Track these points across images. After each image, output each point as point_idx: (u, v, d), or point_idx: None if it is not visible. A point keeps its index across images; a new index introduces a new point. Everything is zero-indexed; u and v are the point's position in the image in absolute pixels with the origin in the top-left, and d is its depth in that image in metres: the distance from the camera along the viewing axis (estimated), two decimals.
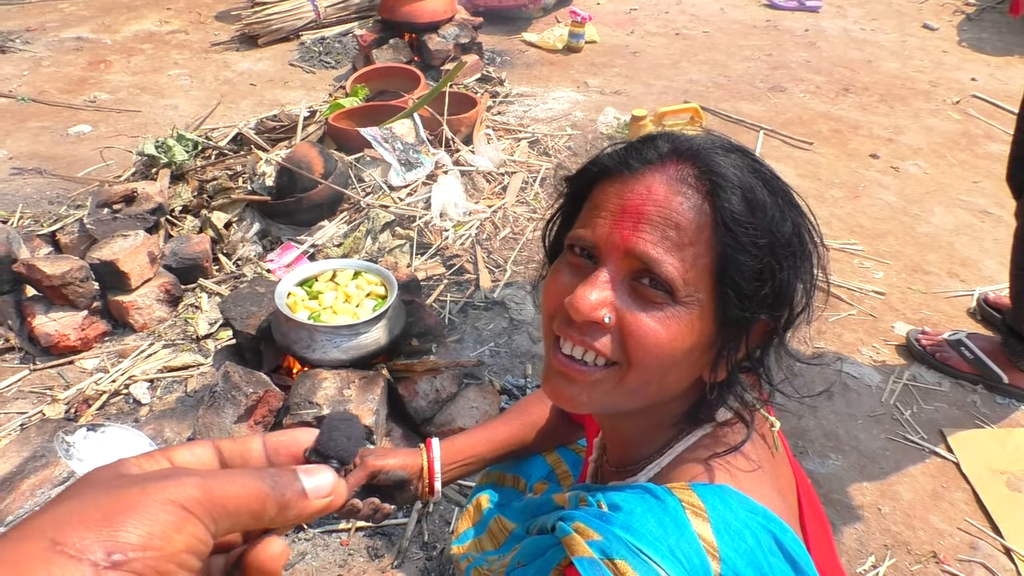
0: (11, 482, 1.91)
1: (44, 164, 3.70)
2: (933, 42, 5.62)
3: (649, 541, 0.74)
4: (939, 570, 1.94)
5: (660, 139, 0.85)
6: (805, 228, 0.84)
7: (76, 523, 0.39)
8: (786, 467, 0.99)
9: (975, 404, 2.44)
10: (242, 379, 1.97)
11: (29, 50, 5.11)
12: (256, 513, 0.46)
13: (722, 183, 0.78)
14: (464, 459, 1.34)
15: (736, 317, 0.80)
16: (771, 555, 0.76)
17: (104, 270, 2.55)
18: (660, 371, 0.82)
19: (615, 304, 0.80)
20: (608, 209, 0.82)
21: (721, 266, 0.78)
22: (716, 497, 0.79)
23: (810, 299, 0.86)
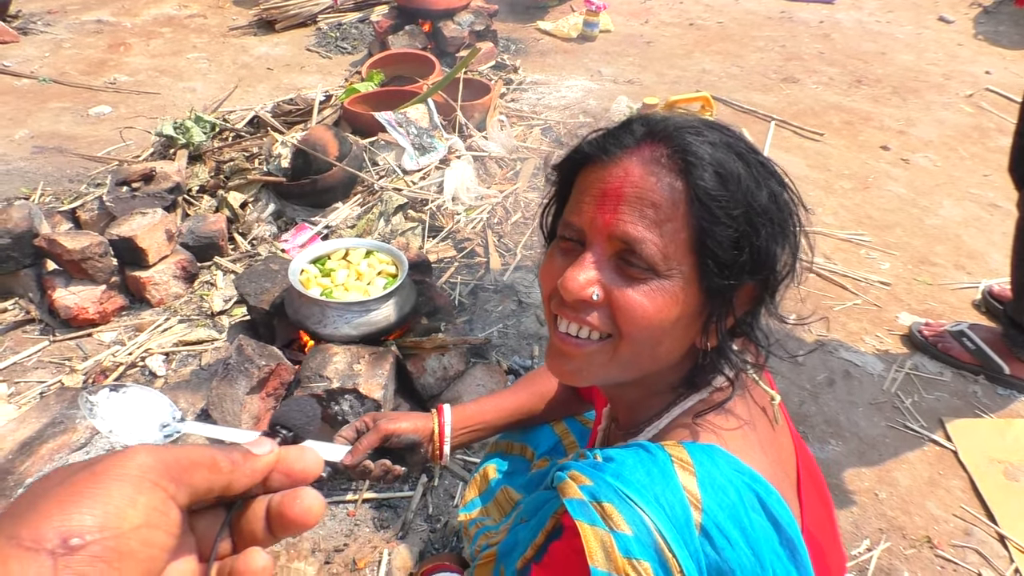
0: (30, 446, 1.98)
1: (65, 143, 3.77)
2: (948, 35, 5.60)
3: (636, 488, 0.79)
4: (932, 555, 1.97)
5: (636, 123, 0.90)
6: (782, 194, 0.88)
7: (31, 516, 0.38)
8: (787, 439, 1.03)
9: (976, 394, 2.46)
10: (255, 352, 2.03)
11: (50, 32, 5.20)
12: (211, 467, 0.46)
13: (694, 161, 0.82)
14: (473, 425, 1.40)
15: (719, 285, 0.84)
16: (752, 511, 0.80)
17: (123, 246, 2.61)
18: (651, 341, 0.87)
19: (603, 282, 0.86)
20: (591, 194, 0.88)
21: (699, 239, 0.82)
22: (705, 455, 0.83)
23: (795, 261, 0.90)
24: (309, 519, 0.49)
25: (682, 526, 0.77)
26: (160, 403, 0.99)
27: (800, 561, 0.82)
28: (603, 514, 0.78)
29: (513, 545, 1.04)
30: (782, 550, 0.81)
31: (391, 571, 1.84)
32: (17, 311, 2.62)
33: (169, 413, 0.99)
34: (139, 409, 0.97)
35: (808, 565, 0.83)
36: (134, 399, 0.97)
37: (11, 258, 2.57)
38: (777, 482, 0.88)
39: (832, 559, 0.99)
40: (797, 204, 0.90)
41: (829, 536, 1.03)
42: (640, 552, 0.75)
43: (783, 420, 1.03)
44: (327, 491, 2.04)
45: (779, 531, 0.82)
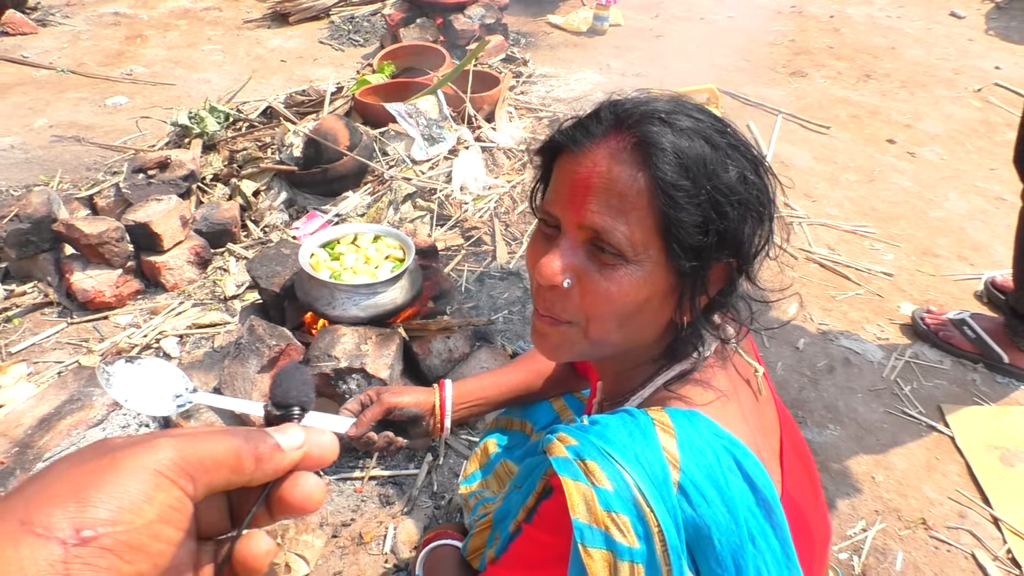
0: (49, 422, 2.05)
1: (82, 132, 3.85)
2: (959, 30, 5.59)
3: (617, 447, 0.84)
4: (927, 536, 2.01)
5: (605, 110, 0.93)
6: (751, 168, 0.90)
7: (44, 500, 0.38)
8: (770, 409, 1.07)
9: (975, 382, 2.49)
10: (266, 332, 2.09)
11: (69, 24, 5.28)
12: (234, 467, 0.45)
13: (654, 152, 0.85)
14: (474, 400, 1.45)
15: (688, 267, 0.88)
16: (729, 472, 0.85)
17: (138, 231, 2.68)
18: (618, 322, 0.92)
19: (575, 267, 0.91)
20: (563, 184, 0.92)
21: (664, 225, 0.86)
22: (685, 419, 0.88)
23: (768, 237, 0.94)
24: (309, 504, 0.50)
25: (660, 483, 0.82)
26: (173, 375, 1.04)
27: (776, 521, 0.86)
28: (586, 470, 0.82)
29: (507, 511, 1.09)
30: (758, 509, 0.85)
31: (396, 545, 1.90)
32: (36, 294, 2.69)
33: (182, 384, 1.04)
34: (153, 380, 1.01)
35: (784, 525, 0.87)
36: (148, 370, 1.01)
37: (31, 242, 2.65)
38: (756, 447, 0.92)
39: (815, 525, 1.03)
40: (770, 180, 0.93)
41: (812, 503, 1.06)
42: (619, 506, 0.80)
43: (767, 391, 1.07)
44: (335, 467, 2.10)
45: (755, 492, 0.86)
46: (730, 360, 1.01)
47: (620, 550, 0.79)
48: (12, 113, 4.05)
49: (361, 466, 2.10)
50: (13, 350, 2.47)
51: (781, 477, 0.97)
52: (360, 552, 1.89)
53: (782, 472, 0.98)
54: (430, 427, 1.41)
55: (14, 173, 3.49)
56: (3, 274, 2.77)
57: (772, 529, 0.86)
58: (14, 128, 3.90)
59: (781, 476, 0.97)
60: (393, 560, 1.87)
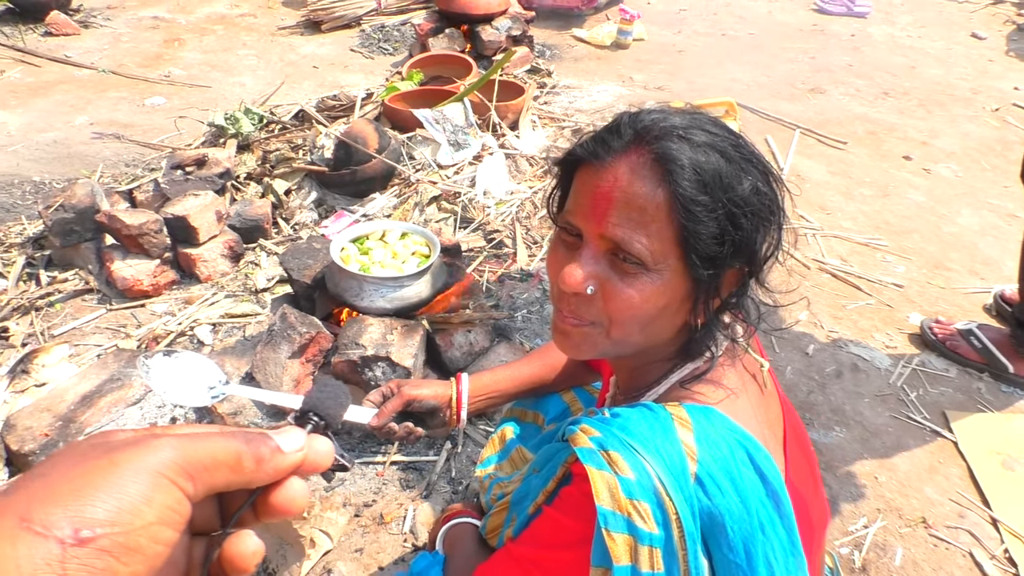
0: (91, 399, 2.16)
1: (121, 130, 4.00)
2: (979, 51, 5.65)
3: (639, 439, 0.90)
4: (927, 534, 2.07)
5: (624, 125, 0.96)
6: (763, 179, 0.95)
7: (44, 498, 0.38)
8: (775, 402, 1.13)
9: (980, 391, 2.55)
10: (297, 320, 2.20)
11: (110, 26, 5.47)
12: (234, 468, 0.45)
13: (674, 168, 0.89)
14: (489, 393, 1.52)
15: (704, 274, 0.93)
16: (742, 465, 0.91)
17: (176, 224, 2.80)
18: (640, 326, 0.98)
19: (598, 275, 0.95)
20: (585, 196, 0.96)
21: (683, 237, 0.90)
22: (701, 414, 0.95)
23: (778, 243, 1.00)
24: (292, 509, 0.50)
25: (679, 474, 0.87)
26: (208, 367, 1.13)
27: (783, 511, 0.93)
28: (609, 460, 0.88)
29: (525, 493, 1.16)
30: (768, 500, 0.91)
31: (415, 525, 1.99)
32: (77, 281, 2.82)
33: (216, 376, 1.13)
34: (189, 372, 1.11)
35: (791, 515, 0.93)
36: (185, 363, 1.11)
37: (74, 231, 2.78)
38: (764, 440, 0.98)
39: (814, 510, 1.09)
40: (780, 189, 0.99)
41: (811, 489, 1.14)
42: (641, 494, 0.86)
43: (772, 385, 1.13)
44: (358, 452, 2.20)
45: (765, 484, 0.92)
46: (739, 357, 1.07)
47: (641, 535, 0.85)
48: (55, 110, 4.22)
49: (383, 451, 2.20)
50: (56, 333, 2.59)
51: (785, 465, 1.04)
52: (381, 531, 1.99)
53: (785, 460, 1.05)
54: (447, 418, 1.48)
55: (56, 167, 3.64)
56: (47, 261, 2.90)
57: (780, 519, 0.92)
58: (57, 124, 4.06)
59: (785, 464, 1.04)
60: (412, 540, 1.97)
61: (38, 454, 1.97)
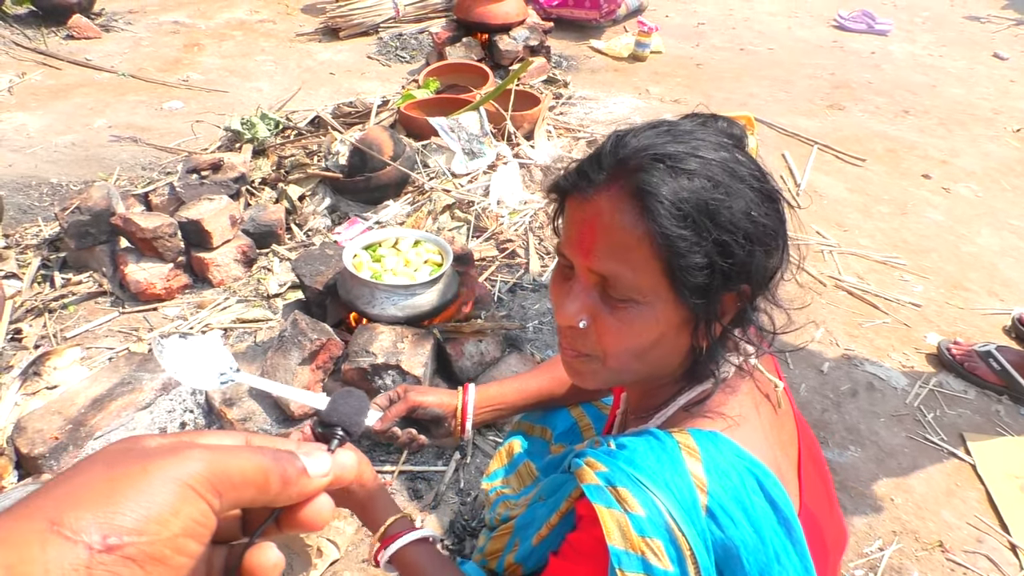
0: (101, 403, 2.16)
1: (139, 134, 4.02)
2: (1001, 71, 5.61)
3: (647, 473, 0.88)
4: (944, 558, 2.03)
5: (606, 157, 0.93)
6: (758, 201, 0.90)
7: (75, 502, 0.39)
8: (789, 422, 1.11)
9: (999, 413, 2.51)
10: (308, 326, 2.19)
11: (130, 30, 5.51)
12: (260, 487, 0.46)
13: (652, 204, 0.85)
14: (495, 405, 1.49)
15: (696, 304, 0.90)
16: (753, 494, 0.89)
17: (190, 228, 2.81)
18: (634, 356, 0.96)
19: (590, 308, 0.94)
20: (572, 229, 0.96)
21: (669, 268, 0.87)
22: (709, 441, 0.92)
23: (782, 260, 0.96)
24: (317, 524, 0.51)
25: (690, 507, 0.85)
26: (221, 353, 1.13)
27: (795, 538, 0.90)
28: (618, 497, 0.86)
29: (530, 520, 1.14)
30: (780, 528, 0.89)
31: None
32: (91, 283, 2.82)
33: (227, 363, 1.12)
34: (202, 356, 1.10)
35: (803, 541, 0.91)
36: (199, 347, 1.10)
37: (89, 234, 2.78)
38: (776, 464, 0.96)
39: (829, 533, 1.07)
40: (782, 208, 0.94)
41: (827, 511, 1.11)
42: (653, 531, 0.84)
43: (787, 404, 1.11)
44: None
45: (777, 511, 0.90)
46: (751, 376, 1.04)
47: (656, 573, 0.83)
48: (75, 112, 4.25)
49: (392, 461, 2.18)
50: (68, 335, 2.59)
51: (799, 489, 1.01)
52: None
53: (800, 484, 1.02)
54: (452, 428, 1.46)
55: (74, 169, 3.66)
56: (62, 263, 2.91)
57: (793, 546, 0.90)
58: (75, 127, 4.08)
59: (799, 488, 1.01)
60: None
61: (47, 457, 1.96)
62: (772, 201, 0.92)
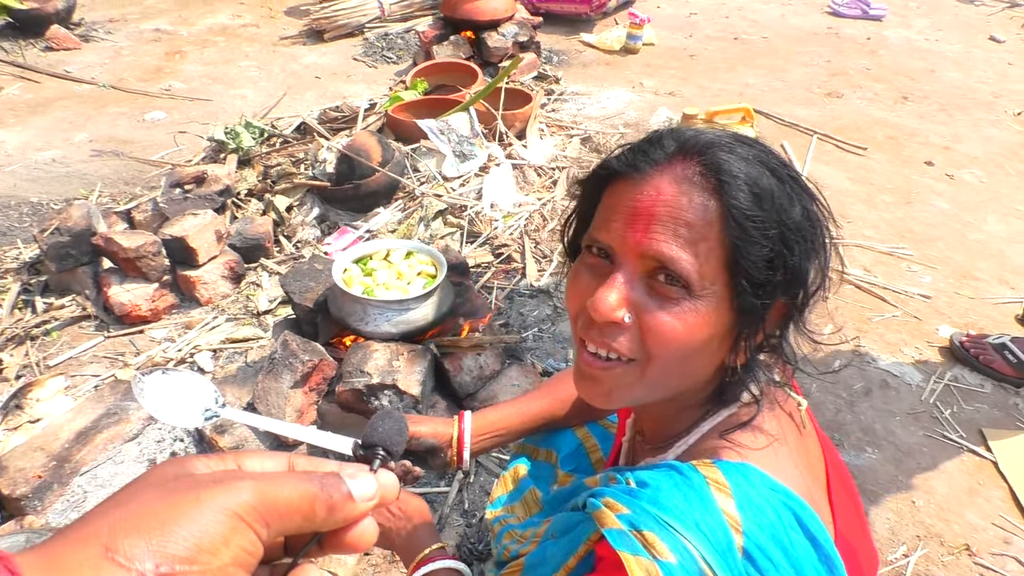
0: (87, 435, 2.07)
1: (121, 147, 3.92)
2: (999, 54, 5.53)
3: (676, 514, 0.78)
4: (971, 562, 1.96)
5: (666, 138, 0.87)
6: (814, 210, 0.86)
7: (129, 529, 0.39)
8: (814, 443, 1.02)
9: (1017, 407, 2.44)
10: (299, 347, 2.10)
11: (111, 40, 5.39)
12: (307, 515, 0.46)
13: (728, 179, 0.80)
14: (495, 431, 1.40)
15: (751, 304, 0.83)
16: (791, 531, 0.80)
17: (175, 245, 2.71)
18: (680, 363, 0.86)
19: (633, 302, 0.84)
20: (620, 211, 0.85)
21: (733, 258, 0.81)
22: (739, 474, 0.83)
23: (824, 277, 0.89)
24: (361, 545, 0.51)
25: (725, 550, 0.77)
26: (205, 388, 1.04)
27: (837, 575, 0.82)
28: (645, 543, 0.77)
29: (541, 559, 1.05)
30: (821, 566, 0.81)
31: None
32: (74, 307, 2.72)
33: (212, 398, 1.04)
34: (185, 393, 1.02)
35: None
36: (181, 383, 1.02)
37: (70, 255, 2.68)
38: (808, 491, 0.88)
39: (864, 557, 0.99)
40: (828, 219, 0.89)
41: (859, 535, 1.02)
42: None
43: (810, 424, 1.03)
44: None
45: (816, 548, 0.82)
46: (774, 397, 0.96)
47: None
48: (54, 127, 4.14)
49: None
50: (51, 363, 2.50)
51: (832, 515, 0.93)
52: (392, 570, 1.88)
53: (832, 510, 0.94)
54: (449, 459, 1.37)
55: (55, 187, 3.56)
56: (43, 287, 2.81)
57: None
58: (55, 142, 3.98)
59: (832, 514, 0.93)
60: None
61: (31, 498, 1.87)
62: (823, 209, 0.88)
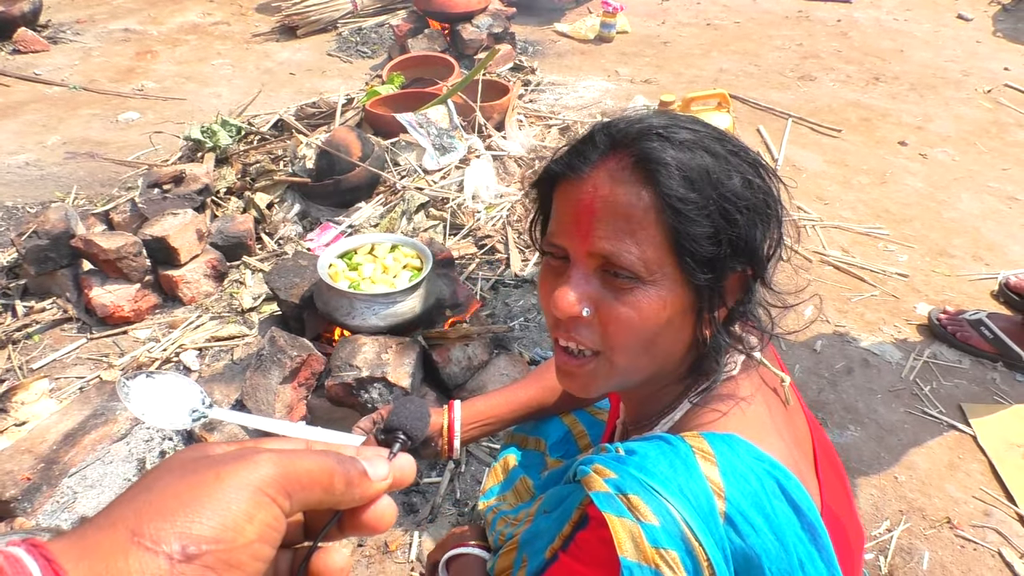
0: (74, 437, 2.05)
1: (95, 149, 3.88)
2: (967, 32, 5.60)
3: (660, 480, 0.81)
4: (952, 534, 2.00)
5: (598, 134, 0.91)
6: (754, 173, 0.89)
7: (154, 514, 0.40)
8: (800, 418, 1.05)
9: (994, 381, 2.49)
10: (287, 343, 2.10)
11: (80, 41, 5.33)
12: (326, 487, 0.46)
13: (656, 168, 0.83)
14: (484, 420, 1.42)
15: (704, 280, 0.86)
16: (774, 498, 0.83)
17: (155, 246, 2.69)
18: (644, 346, 0.90)
19: (591, 296, 0.88)
20: (566, 213, 0.90)
21: (676, 240, 0.84)
22: (724, 444, 0.85)
23: (779, 241, 0.92)
24: (381, 525, 0.51)
25: (707, 515, 0.79)
26: (191, 390, 1.04)
27: (821, 544, 0.84)
28: (630, 506, 0.80)
29: (535, 534, 1.07)
30: (804, 534, 0.83)
31: (421, 553, 1.90)
32: (55, 310, 2.70)
33: (199, 399, 1.04)
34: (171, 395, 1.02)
35: (829, 547, 0.85)
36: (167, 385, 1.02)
37: (49, 259, 2.66)
38: (795, 464, 0.90)
39: (851, 532, 1.01)
40: (774, 183, 0.91)
41: (846, 510, 1.05)
42: (668, 542, 0.78)
43: (795, 400, 1.05)
44: None
45: (800, 516, 0.84)
46: (756, 371, 0.99)
47: None
48: (26, 131, 4.09)
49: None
50: (35, 366, 2.48)
51: (819, 488, 0.95)
52: (386, 561, 1.90)
53: (819, 483, 0.96)
54: (439, 448, 1.39)
55: (29, 190, 3.52)
56: (23, 291, 2.79)
57: (818, 552, 0.84)
58: (28, 145, 3.93)
59: (819, 487, 0.96)
60: (419, 568, 1.88)
61: (20, 500, 1.86)
62: (766, 174, 0.91)
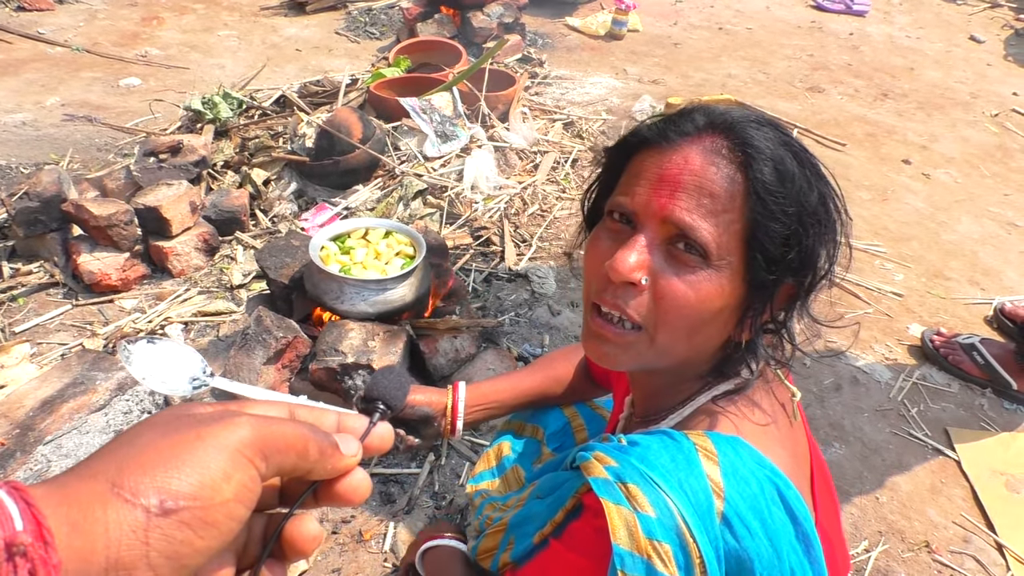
0: (51, 405, 2.03)
1: (94, 113, 3.83)
2: (978, 54, 5.58)
3: (661, 472, 0.81)
4: (930, 559, 1.99)
5: (697, 112, 0.90)
6: (830, 198, 0.88)
7: (135, 467, 0.41)
8: (802, 436, 1.04)
9: (982, 407, 2.48)
10: (273, 324, 2.07)
11: (86, 2, 5.27)
12: (301, 453, 0.48)
13: (755, 155, 0.83)
14: (487, 403, 1.42)
15: (763, 280, 0.85)
16: (772, 504, 0.82)
17: (148, 215, 2.66)
18: (688, 331, 0.87)
19: (651, 266, 0.86)
20: (646, 178, 0.87)
21: (752, 232, 0.83)
22: (728, 445, 0.85)
23: (832, 265, 0.90)
24: (355, 497, 0.52)
25: (704, 513, 0.79)
26: (192, 358, 1.02)
27: (814, 556, 0.84)
28: (628, 494, 0.80)
29: (526, 518, 1.06)
30: (798, 544, 0.83)
31: (396, 544, 1.88)
32: (42, 274, 2.67)
33: (199, 368, 1.02)
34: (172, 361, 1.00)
35: (821, 561, 0.84)
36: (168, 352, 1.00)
37: (39, 221, 2.63)
38: (794, 477, 0.89)
39: (839, 556, 1.00)
40: (842, 210, 0.91)
41: (836, 534, 1.04)
42: (662, 535, 0.77)
43: (800, 417, 1.04)
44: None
45: (796, 525, 0.83)
46: (771, 385, 0.98)
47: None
48: (25, 89, 4.03)
49: (363, 463, 2.08)
50: (17, 330, 2.45)
51: (813, 507, 0.95)
52: (359, 550, 1.88)
53: (814, 503, 0.96)
54: (442, 428, 1.39)
55: (24, 150, 3.47)
56: (9, 252, 2.75)
57: (810, 565, 0.83)
58: (26, 105, 3.88)
59: (813, 506, 0.95)
60: (392, 559, 1.86)
61: None
62: (840, 202, 0.91)
